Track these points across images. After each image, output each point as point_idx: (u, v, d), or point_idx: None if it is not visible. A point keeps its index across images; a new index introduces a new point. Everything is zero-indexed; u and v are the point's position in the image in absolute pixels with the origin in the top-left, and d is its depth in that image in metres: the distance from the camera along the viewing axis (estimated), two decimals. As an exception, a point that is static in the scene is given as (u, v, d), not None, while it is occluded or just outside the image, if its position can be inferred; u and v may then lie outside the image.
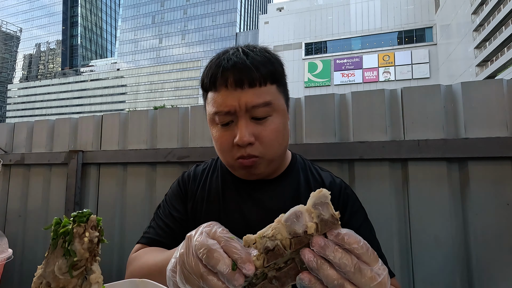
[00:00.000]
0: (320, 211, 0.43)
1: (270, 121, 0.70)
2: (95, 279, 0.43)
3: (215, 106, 0.70)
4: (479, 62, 28.04)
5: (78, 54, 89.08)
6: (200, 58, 66.44)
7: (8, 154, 1.95)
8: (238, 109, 0.68)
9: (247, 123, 0.68)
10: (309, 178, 0.83)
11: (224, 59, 0.70)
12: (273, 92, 0.71)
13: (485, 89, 1.10)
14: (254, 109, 0.68)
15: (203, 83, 0.74)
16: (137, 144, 1.64)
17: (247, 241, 0.45)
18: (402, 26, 39.22)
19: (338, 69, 39.94)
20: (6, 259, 0.59)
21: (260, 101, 0.68)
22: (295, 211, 0.44)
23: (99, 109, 69.60)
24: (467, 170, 1.09)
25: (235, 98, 0.67)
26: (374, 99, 1.24)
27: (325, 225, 0.42)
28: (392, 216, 1.16)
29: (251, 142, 0.68)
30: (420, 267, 1.12)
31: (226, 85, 0.68)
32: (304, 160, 0.89)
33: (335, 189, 0.81)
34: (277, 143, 0.71)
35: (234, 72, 0.68)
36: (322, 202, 0.43)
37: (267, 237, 0.44)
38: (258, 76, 0.68)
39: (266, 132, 0.69)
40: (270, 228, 0.45)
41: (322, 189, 0.44)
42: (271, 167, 0.75)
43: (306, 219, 0.43)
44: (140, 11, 77.01)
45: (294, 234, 0.43)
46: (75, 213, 0.42)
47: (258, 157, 0.70)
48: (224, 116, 0.69)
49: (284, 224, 0.44)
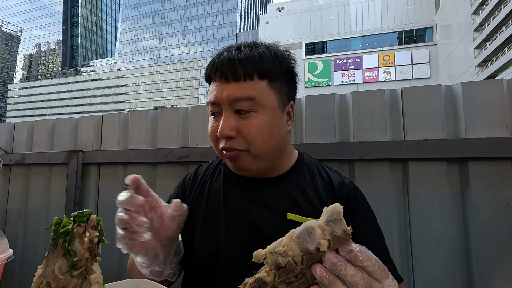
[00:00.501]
0: (333, 228, 0.42)
1: (253, 117, 0.69)
2: (95, 279, 0.43)
3: (208, 96, 0.75)
4: (479, 62, 28.04)
5: (79, 54, 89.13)
6: (200, 58, 66.42)
7: (8, 154, 1.95)
8: (222, 101, 0.70)
9: (230, 116, 0.70)
10: (316, 178, 0.80)
11: (220, 55, 0.73)
12: (261, 88, 0.70)
13: (485, 89, 1.10)
14: (236, 102, 0.69)
15: (205, 76, 0.79)
16: (137, 144, 1.64)
17: (257, 257, 0.45)
18: (402, 26, 39.22)
19: (338, 69, 39.94)
20: (6, 259, 0.60)
21: (242, 95, 0.68)
22: (307, 228, 0.43)
23: (99, 109, 69.64)
24: (467, 170, 1.09)
25: (221, 91, 0.70)
26: (374, 99, 1.24)
27: (337, 241, 0.42)
28: (392, 216, 1.16)
29: (231, 136, 0.69)
30: (420, 268, 1.12)
31: (215, 78, 0.72)
32: (312, 159, 0.87)
33: (344, 190, 0.78)
34: (261, 139, 0.69)
35: (223, 66, 0.70)
36: (335, 218, 0.42)
37: (278, 253, 0.43)
38: (242, 70, 0.69)
39: (248, 127, 0.69)
40: (281, 244, 0.44)
41: (336, 204, 0.43)
42: (260, 164, 0.73)
43: (319, 236, 0.42)
44: (140, 11, 77.03)
45: (306, 251, 0.42)
46: (75, 213, 0.43)
47: (242, 150, 0.70)
48: (212, 106, 0.73)
49: (296, 241, 0.43)
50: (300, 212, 0.74)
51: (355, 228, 0.76)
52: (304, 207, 0.74)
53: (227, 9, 66.20)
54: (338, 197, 0.77)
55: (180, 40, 72.53)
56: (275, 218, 0.73)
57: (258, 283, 0.44)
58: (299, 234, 0.43)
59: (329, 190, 0.78)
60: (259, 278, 0.44)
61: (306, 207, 0.74)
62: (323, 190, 0.78)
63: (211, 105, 0.73)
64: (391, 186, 1.18)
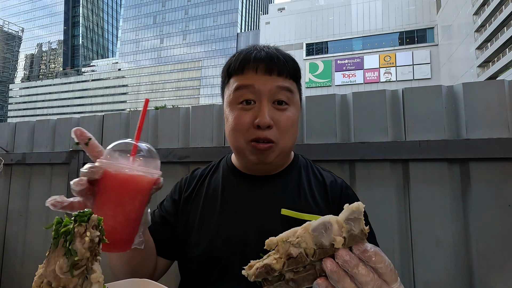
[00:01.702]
0: (351, 226, 0.42)
1: (288, 110, 0.74)
2: (96, 278, 0.43)
3: (239, 82, 0.74)
4: (480, 63, 28.00)
5: (80, 54, 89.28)
6: (201, 59, 66.50)
7: (9, 153, 1.95)
8: (263, 91, 0.72)
9: (269, 107, 0.72)
10: (310, 177, 0.83)
11: (255, 49, 0.76)
12: (293, 87, 0.76)
13: (486, 90, 1.10)
14: (279, 91, 0.72)
15: (228, 68, 0.77)
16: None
17: (269, 244, 0.45)
18: (403, 26, 39.20)
19: (339, 70, 39.93)
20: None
21: (286, 85, 0.73)
22: (324, 222, 0.43)
23: (100, 109, 69.76)
24: (468, 171, 1.09)
25: (262, 82, 0.72)
26: (375, 100, 1.24)
27: (353, 240, 0.42)
28: (393, 217, 1.16)
29: (270, 125, 0.71)
30: (421, 268, 1.11)
31: (256, 70, 0.73)
32: (306, 159, 0.90)
33: (336, 189, 0.81)
34: (291, 133, 0.75)
35: (266, 60, 0.73)
36: (355, 217, 0.42)
37: (291, 243, 0.44)
38: (287, 68, 0.74)
39: (284, 118, 0.73)
40: (295, 235, 0.44)
41: (358, 203, 0.42)
42: (280, 158, 0.77)
43: (335, 232, 0.42)
44: (141, 11, 77.14)
45: (319, 245, 0.42)
46: (76, 213, 0.43)
47: (274, 142, 0.72)
48: (246, 91, 0.72)
49: (311, 234, 0.43)
50: (295, 209, 0.76)
51: None
52: (299, 203, 0.77)
53: (228, 10, 66.24)
54: (330, 195, 0.80)
55: (181, 40, 72.59)
56: (273, 214, 0.75)
57: (266, 269, 0.44)
58: (315, 227, 0.43)
59: (322, 188, 0.81)
60: (268, 265, 0.44)
61: (301, 204, 0.77)
62: (316, 188, 0.81)
63: (246, 89, 0.72)
64: (392, 186, 1.18)
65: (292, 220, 0.75)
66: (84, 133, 0.59)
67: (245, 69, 0.74)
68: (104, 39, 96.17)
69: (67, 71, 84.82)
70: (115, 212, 0.54)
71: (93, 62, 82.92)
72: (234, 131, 0.74)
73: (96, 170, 0.54)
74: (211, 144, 1.48)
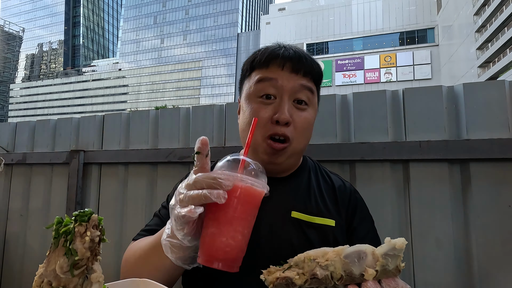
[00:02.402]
0: (387, 262, 0.40)
1: (307, 111, 0.74)
2: (96, 278, 0.43)
3: (262, 75, 0.73)
4: (481, 63, 27.98)
5: (80, 54, 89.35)
6: (201, 59, 66.50)
7: (10, 153, 1.95)
8: (285, 88, 0.71)
9: (290, 104, 0.72)
10: (319, 180, 0.83)
11: (283, 47, 0.75)
12: (315, 90, 0.77)
13: (487, 90, 1.10)
14: (301, 89, 0.72)
15: (253, 60, 0.76)
16: (139, 144, 1.65)
17: (296, 261, 0.44)
18: (403, 27, 39.17)
19: (339, 70, 39.92)
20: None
21: (309, 85, 0.74)
22: (359, 251, 0.41)
23: (101, 109, 69.79)
24: (469, 171, 1.08)
25: (286, 78, 0.72)
26: (375, 100, 1.24)
27: (384, 274, 0.41)
28: (393, 217, 1.16)
29: (289, 122, 0.70)
30: (421, 269, 1.11)
31: (283, 67, 0.73)
32: (313, 161, 0.90)
33: (346, 193, 0.82)
34: (306, 134, 0.75)
35: (294, 59, 0.73)
36: (395, 254, 0.40)
37: (318, 264, 0.42)
38: (312, 71, 0.75)
39: (302, 118, 0.73)
40: (325, 256, 0.42)
41: (402, 241, 0.41)
42: (291, 160, 0.76)
43: (368, 263, 0.41)
44: (142, 12, 77.17)
45: (348, 273, 0.41)
46: (76, 212, 0.43)
47: (289, 141, 0.71)
48: (269, 84, 0.72)
49: (343, 260, 0.41)
50: (306, 211, 0.76)
51: (355, 229, 0.78)
52: (309, 206, 0.77)
53: (229, 10, 66.26)
54: (339, 199, 0.79)
55: (181, 40, 72.61)
56: (284, 217, 0.75)
57: (286, 281, 0.43)
58: (348, 254, 0.41)
59: (331, 191, 0.81)
60: (289, 278, 0.43)
61: (312, 206, 0.77)
62: (326, 191, 0.81)
63: (269, 82, 0.72)
64: (392, 187, 1.18)
65: (303, 223, 0.75)
66: (208, 145, 0.56)
67: (270, 63, 0.73)
68: (105, 39, 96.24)
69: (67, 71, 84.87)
70: (238, 226, 0.51)
71: (94, 62, 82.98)
72: (251, 126, 0.72)
73: (228, 184, 0.50)
74: (212, 144, 1.48)
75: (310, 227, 0.74)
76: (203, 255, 0.51)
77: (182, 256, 0.57)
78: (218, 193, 0.48)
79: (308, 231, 0.74)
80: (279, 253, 0.53)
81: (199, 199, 0.49)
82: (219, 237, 0.50)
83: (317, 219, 0.75)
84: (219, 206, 0.50)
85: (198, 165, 0.54)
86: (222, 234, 0.50)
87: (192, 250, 0.57)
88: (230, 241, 0.50)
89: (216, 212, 0.51)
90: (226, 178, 0.50)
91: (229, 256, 0.50)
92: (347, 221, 0.79)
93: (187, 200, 0.51)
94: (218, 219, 0.51)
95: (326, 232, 0.74)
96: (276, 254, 0.53)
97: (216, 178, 0.50)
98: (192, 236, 0.54)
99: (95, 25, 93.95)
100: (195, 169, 0.54)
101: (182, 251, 0.56)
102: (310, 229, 0.74)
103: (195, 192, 0.50)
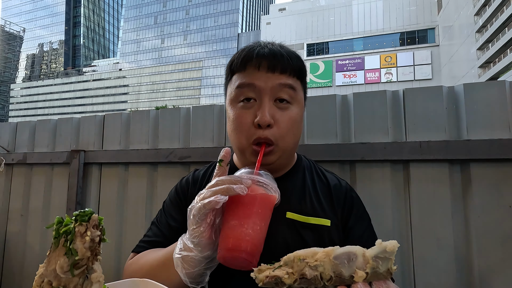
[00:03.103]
0: (378, 264, 0.40)
1: (290, 109, 0.73)
2: (96, 278, 0.43)
3: (240, 80, 0.73)
4: (481, 64, 27.96)
5: (81, 54, 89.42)
6: (202, 59, 66.53)
7: (10, 153, 1.96)
8: (264, 88, 0.70)
9: (270, 104, 0.71)
10: (314, 179, 0.83)
11: (259, 46, 0.74)
12: (297, 84, 0.75)
13: (487, 90, 1.10)
14: (280, 88, 0.71)
15: (231, 65, 0.76)
16: (139, 144, 1.65)
17: (286, 261, 0.45)
18: (404, 27, 39.16)
19: (340, 70, 39.91)
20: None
21: (288, 82, 0.72)
22: (349, 253, 0.41)
23: (101, 109, 69.85)
24: (469, 172, 1.08)
25: (263, 80, 0.71)
26: (376, 100, 1.23)
27: (375, 277, 0.40)
28: (393, 217, 1.16)
29: (270, 124, 0.69)
30: (421, 269, 1.11)
31: (259, 68, 0.72)
32: (309, 160, 0.89)
33: (341, 192, 0.81)
34: (292, 133, 0.73)
35: (269, 57, 0.71)
36: (386, 257, 0.40)
37: (308, 264, 0.42)
38: (290, 66, 0.72)
39: (285, 117, 0.71)
40: (314, 258, 0.42)
41: (394, 244, 0.40)
42: (282, 159, 0.75)
43: (359, 265, 0.40)
44: (142, 12, 77.21)
45: (338, 274, 0.41)
46: (77, 212, 0.43)
47: (273, 145, 0.70)
48: (248, 89, 0.71)
49: (332, 261, 0.41)
50: (301, 211, 0.75)
51: (351, 228, 0.78)
52: (304, 206, 0.76)
53: (229, 10, 66.27)
54: (335, 198, 0.79)
55: (182, 40, 72.64)
56: (279, 217, 0.74)
57: (275, 280, 0.43)
58: (338, 255, 0.41)
59: (326, 191, 0.80)
60: (278, 277, 0.43)
61: (307, 206, 0.76)
62: (321, 190, 0.80)
63: (248, 87, 0.71)
64: (393, 187, 1.18)
65: (297, 223, 0.75)
66: (230, 156, 0.63)
67: (247, 65, 0.72)
68: (105, 39, 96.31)
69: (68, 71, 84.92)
70: (256, 219, 0.56)
71: (94, 62, 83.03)
72: (237, 131, 0.73)
73: (248, 181, 0.57)
74: (212, 144, 1.48)
75: (305, 227, 0.74)
76: (224, 246, 0.54)
77: (191, 272, 0.57)
78: (240, 186, 0.54)
79: (303, 231, 0.74)
80: (275, 255, 0.53)
81: (221, 191, 0.54)
82: (239, 227, 0.54)
83: (312, 219, 0.74)
84: (237, 203, 0.56)
85: (218, 172, 0.61)
86: (242, 225, 0.54)
87: (203, 266, 0.58)
88: (249, 231, 0.53)
89: (235, 209, 0.56)
90: (245, 177, 0.57)
91: (249, 245, 0.53)
92: (342, 221, 0.78)
93: (210, 194, 0.55)
94: (238, 213, 0.56)
95: (321, 232, 0.74)
96: (272, 255, 0.53)
97: (237, 176, 0.57)
98: (206, 241, 0.56)
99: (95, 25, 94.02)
100: (216, 174, 0.61)
101: (192, 266, 0.57)
102: (305, 230, 0.74)
103: (218, 187, 0.55)
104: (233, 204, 0.56)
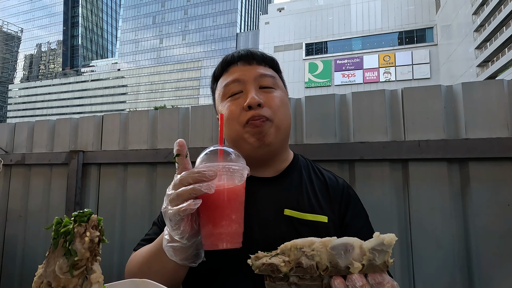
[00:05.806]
0: (374, 256, 0.40)
1: (275, 92, 0.78)
2: (96, 278, 0.43)
3: (227, 79, 0.79)
4: (480, 63, 28.02)
5: (79, 54, 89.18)
6: (200, 59, 66.48)
7: (9, 154, 1.95)
8: (248, 78, 0.76)
9: (256, 90, 0.76)
10: (311, 177, 0.83)
11: (236, 51, 0.83)
12: (276, 76, 0.82)
13: (485, 89, 1.10)
14: (262, 77, 0.77)
15: (214, 74, 0.85)
16: (138, 144, 1.64)
17: (283, 250, 0.45)
18: (402, 26, 39.20)
19: (338, 70, 39.93)
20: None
21: (267, 72, 0.79)
22: (346, 244, 0.41)
23: (100, 109, 69.68)
24: (468, 170, 1.09)
25: (245, 71, 0.78)
26: (374, 100, 1.24)
27: (371, 269, 0.40)
28: (392, 216, 1.16)
29: (260, 104, 0.73)
30: (420, 268, 1.11)
31: (237, 63, 0.80)
32: (306, 159, 0.90)
33: (338, 188, 0.82)
34: (283, 111, 0.77)
35: (245, 54, 0.80)
36: (382, 249, 0.40)
37: (304, 253, 0.42)
38: (265, 60, 0.81)
39: (272, 97, 0.77)
40: (311, 247, 0.42)
41: (392, 237, 0.41)
42: (280, 137, 0.77)
43: (355, 257, 0.41)
44: (140, 12, 77.06)
45: (334, 265, 0.41)
46: (76, 213, 0.43)
47: (268, 119, 0.73)
48: (233, 84, 0.77)
49: (329, 251, 0.41)
50: (298, 209, 0.76)
51: (348, 224, 0.78)
52: (302, 203, 0.77)
53: (228, 10, 66.22)
54: (332, 195, 0.79)
55: (180, 40, 72.54)
56: (276, 215, 0.75)
57: (272, 267, 0.44)
58: (335, 246, 0.41)
59: (324, 188, 0.81)
60: (275, 265, 0.44)
61: (304, 204, 0.77)
62: (318, 188, 0.81)
63: (232, 83, 0.77)
64: (391, 186, 1.18)
65: (295, 220, 0.75)
66: (186, 146, 0.60)
67: (228, 67, 0.81)
68: (104, 39, 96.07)
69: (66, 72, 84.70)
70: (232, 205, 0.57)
71: (93, 63, 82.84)
72: (229, 121, 0.75)
73: (212, 173, 0.53)
74: (211, 144, 1.48)
75: (302, 224, 0.75)
76: (208, 238, 0.56)
77: (185, 257, 0.59)
78: (207, 184, 0.52)
79: (300, 228, 0.74)
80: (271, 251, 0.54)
81: (189, 194, 0.52)
82: (219, 219, 0.55)
83: (309, 216, 0.75)
84: (207, 200, 0.54)
85: (180, 166, 0.58)
86: (220, 216, 0.55)
87: (194, 249, 0.59)
88: (227, 219, 0.55)
89: (208, 202, 0.55)
90: (208, 169, 0.53)
91: (228, 239, 0.55)
92: (340, 217, 0.79)
93: (177, 197, 0.52)
94: (209, 213, 0.56)
95: (318, 229, 0.75)
96: (275, 247, 0.55)
97: (199, 172, 0.52)
98: (189, 233, 0.56)
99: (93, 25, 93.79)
100: (178, 170, 0.58)
101: (184, 252, 0.58)
102: (303, 226, 0.74)
103: (183, 188, 0.53)
104: (203, 199, 0.54)
